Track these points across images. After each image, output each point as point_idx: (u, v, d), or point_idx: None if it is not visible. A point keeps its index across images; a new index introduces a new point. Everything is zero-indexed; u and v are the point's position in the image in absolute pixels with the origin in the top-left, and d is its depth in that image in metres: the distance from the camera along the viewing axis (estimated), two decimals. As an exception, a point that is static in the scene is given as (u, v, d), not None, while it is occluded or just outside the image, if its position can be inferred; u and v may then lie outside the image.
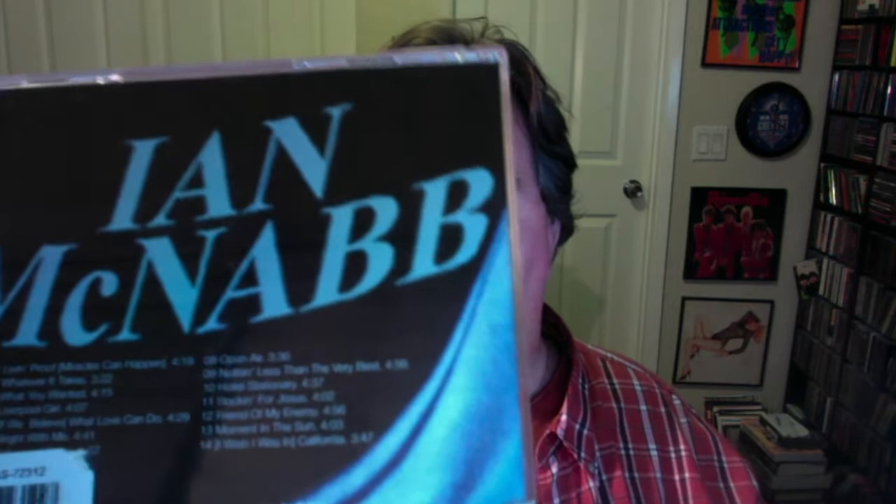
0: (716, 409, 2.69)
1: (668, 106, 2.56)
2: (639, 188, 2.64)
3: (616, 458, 0.65)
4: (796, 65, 2.53)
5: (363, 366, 0.29)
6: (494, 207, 0.30)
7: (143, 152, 0.31)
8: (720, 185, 2.61)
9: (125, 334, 0.30)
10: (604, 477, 0.63)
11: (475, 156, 0.31)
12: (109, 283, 0.30)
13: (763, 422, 2.57)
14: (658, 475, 0.65)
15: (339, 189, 0.31)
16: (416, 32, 0.63)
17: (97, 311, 0.30)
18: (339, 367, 0.29)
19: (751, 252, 2.66)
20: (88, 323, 0.30)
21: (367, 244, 0.30)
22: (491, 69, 0.31)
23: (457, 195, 0.30)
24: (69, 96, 0.32)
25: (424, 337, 0.29)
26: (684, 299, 2.69)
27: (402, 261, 0.30)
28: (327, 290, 0.30)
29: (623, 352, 0.76)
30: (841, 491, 2.39)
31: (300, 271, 0.30)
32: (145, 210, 0.31)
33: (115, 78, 0.32)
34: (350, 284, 0.30)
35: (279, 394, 0.29)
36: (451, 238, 0.30)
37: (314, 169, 0.31)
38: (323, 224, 0.30)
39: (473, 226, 0.30)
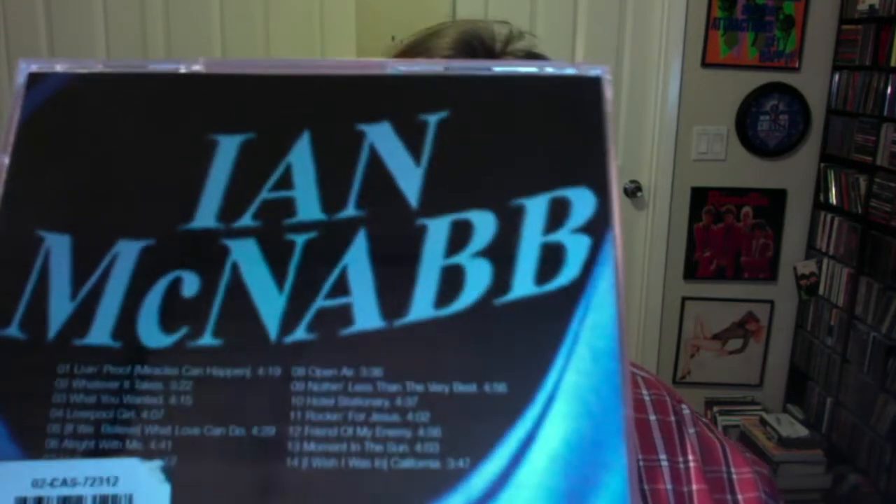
0: (716, 409, 2.69)
1: (668, 106, 2.55)
2: (639, 188, 2.64)
3: None
4: (796, 65, 2.53)
5: (460, 387, 0.27)
6: (598, 228, 0.29)
7: (227, 148, 0.30)
8: (720, 185, 2.60)
9: (207, 339, 0.28)
10: None
11: (578, 174, 0.29)
12: (190, 284, 0.28)
13: (763, 422, 2.57)
14: (668, 486, 0.64)
15: (435, 200, 0.29)
16: (443, 34, 0.61)
17: (177, 312, 0.28)
18: (435, 387, 0.27)
19: (751, 252, 2.66)
20: (167, 325, 0.28)
21: (465, 259, 0.29)
22: (594, 83, 0.30)
23: (558, 214, 0.29)
24: (148, 84, 0.30)
25: (524, 360, 0.27)
26: (684, 299, 2.69)
27: (501, 279, 0.28)
28: (422, 305, 0.28)
29: (622, 352, 0.75)
30: (841, 491, 2.40)
31: (394, 283, 0.28)
32: (230, 209, 0.29)
33: (197, 68, 0.30)
34: (446, 301, 0.28)
35: (371, 411, 0.27)
36: (552, 258, 0.29)
37: (409, 177, 0.29)
38: (418, 235, 0.29)
39: (576, 246, 0.29)
